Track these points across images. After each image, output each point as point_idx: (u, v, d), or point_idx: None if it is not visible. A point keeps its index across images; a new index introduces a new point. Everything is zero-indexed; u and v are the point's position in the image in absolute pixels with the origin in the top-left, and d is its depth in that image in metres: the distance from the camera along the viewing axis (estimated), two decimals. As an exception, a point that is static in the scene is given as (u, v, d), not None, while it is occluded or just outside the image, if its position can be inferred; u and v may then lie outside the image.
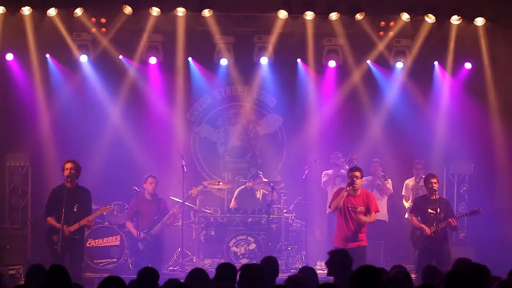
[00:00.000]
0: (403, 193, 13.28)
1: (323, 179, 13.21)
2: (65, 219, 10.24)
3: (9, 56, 13.38)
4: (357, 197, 10.41)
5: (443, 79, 13.97)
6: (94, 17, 13.02)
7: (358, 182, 10.38)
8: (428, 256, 10.52)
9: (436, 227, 10.62)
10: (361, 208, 10.37)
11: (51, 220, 10.48)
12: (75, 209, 10.41)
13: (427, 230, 10.62)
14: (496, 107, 13.68)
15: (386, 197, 13.15)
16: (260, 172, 13.38)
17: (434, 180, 10.76)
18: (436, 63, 13.91)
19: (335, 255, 7.33)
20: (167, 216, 12.05)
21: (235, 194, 13.35)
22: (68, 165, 10.47)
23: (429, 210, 10.72)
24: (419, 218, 10.83)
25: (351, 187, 10.35)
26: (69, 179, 10.40)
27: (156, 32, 13.38)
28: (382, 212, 13.10)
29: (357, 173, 10.40)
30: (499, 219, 13.23)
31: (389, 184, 13.15)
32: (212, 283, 6.28)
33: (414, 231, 10.90)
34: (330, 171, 13.21)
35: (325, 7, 13.00)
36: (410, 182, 13.23)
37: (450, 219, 10.59)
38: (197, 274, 6.35)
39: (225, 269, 6.41)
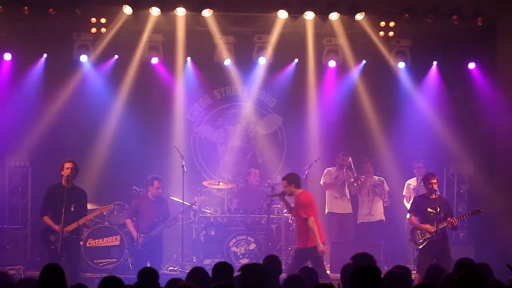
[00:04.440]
0: (404, 193, 13.27)
1: (324, 178, 13.16)
2: (63, 219, 10.24)
3: (8, 56, 13.38)
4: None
5: (443, 79, 13.96)
6: (94, 17, 13.02)
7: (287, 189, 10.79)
8: (428, 256, 10.49)
9: (436, 227, 10.59)
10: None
11: (47, 220, 10.48)
12: (72, 209, 10.42)
13: (429, 229, 10.61)
14: (496, 107, 13.68)
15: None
16: (256, 170, 13.41)
17: (434, 180, 10.73)
18: (435, 63, 13.90)
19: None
20: (169, 220, 12.02)
21: (235, 193, 13.38)
22: (68, 165, 10.47)
23: (429, 209, 10.68)
24: (418, 218, 10.82)
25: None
26: (69, 179, 10.41)
27: (156, 32, 13.40)
28: (379, 212, 13.13)
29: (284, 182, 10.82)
30: (499, 219, 13.22)
31: (385, 184, 13.17)
32: (210, 283, 6.27)
33: (414, 231, 10.88)
34: (332, 169, 13.17)
35: (325, 7, 13.04)
36: (412, 182, 13.21)
37: (451, 219, 10.57)
38: (197, 273, 6.34)
39: (221, 267, 6.39)
